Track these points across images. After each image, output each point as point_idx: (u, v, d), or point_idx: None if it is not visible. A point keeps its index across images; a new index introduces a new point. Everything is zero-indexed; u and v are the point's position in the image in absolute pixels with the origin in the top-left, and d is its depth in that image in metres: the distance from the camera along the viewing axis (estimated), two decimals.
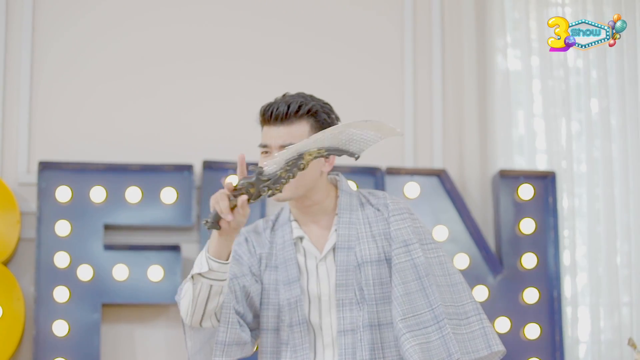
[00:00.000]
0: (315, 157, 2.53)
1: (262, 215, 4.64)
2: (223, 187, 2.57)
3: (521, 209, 4.80)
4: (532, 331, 4.72)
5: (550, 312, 4.74)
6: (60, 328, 4.48)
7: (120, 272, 4.54)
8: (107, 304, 4.56)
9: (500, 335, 4.65)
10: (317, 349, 2.75)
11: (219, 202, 2.52)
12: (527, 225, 4.78)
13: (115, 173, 4.60)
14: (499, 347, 2.70)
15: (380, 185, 4.69)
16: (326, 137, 2.51)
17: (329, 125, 2.72)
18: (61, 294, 4.50)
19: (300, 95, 2.77)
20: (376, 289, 2.72)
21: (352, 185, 2.82)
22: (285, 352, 2.76)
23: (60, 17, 4.81)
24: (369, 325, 2.69)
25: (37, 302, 4.48)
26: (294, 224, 2.82)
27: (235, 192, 2.53)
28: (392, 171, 4.75)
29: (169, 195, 4.60)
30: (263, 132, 2.81)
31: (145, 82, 4.82)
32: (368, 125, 2.52)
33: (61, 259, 4.52)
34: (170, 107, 4.80)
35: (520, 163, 4.92)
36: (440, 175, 4.77)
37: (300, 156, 2.52)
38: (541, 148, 4.93)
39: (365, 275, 2.72)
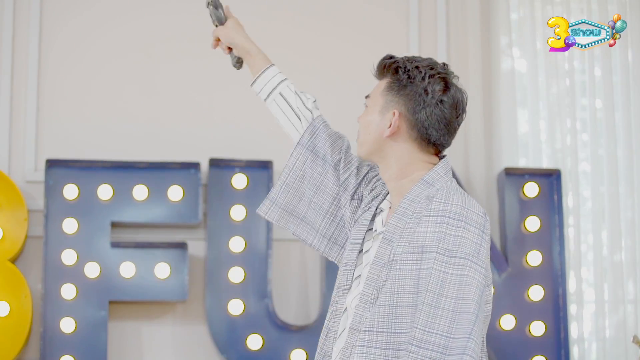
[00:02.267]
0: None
1: None
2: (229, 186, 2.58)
3: (526, 207, 4.81)
4: (537, 328, 4.72)
5: (556, 309, 4.75)
6: (67, 325, 4.50)
7: (127, 269, 4.56)
8: (114, 301, 4.58)
9: (506, 333, 4.70)
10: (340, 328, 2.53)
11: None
12: (532, 223, 4.78)
13: (122, 171, 4.62)
14: None
15: None
16: None
17: (405, 86, 2.50)
18: (68, 291, 4.51)
19: (404, 56, 2.58)
20: None
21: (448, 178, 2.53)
22: (329, 313, 2.59)
23: (66, 17, 4.82)
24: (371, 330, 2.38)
25: (44, 300, 4.50)
26: (389, 195, 2.60)
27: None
28: None
29: (175, 192, 4.62)
30: None
31: (152, 80, 4.84)
32: None
33: (68, 257, 4.54)
34: (177, 105, 4.82)
35: (525, 161, 4.93)
36: None
37: None
38: (546, 146, 4.94)
39: (394, 273, 2.40)
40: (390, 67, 2.54)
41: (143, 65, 4.83)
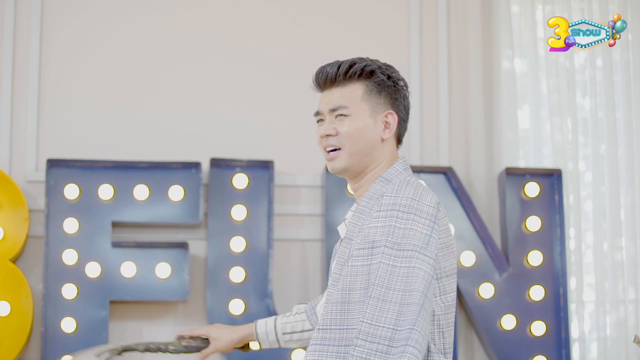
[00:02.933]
0: None
1: (270, 212, 4.66)
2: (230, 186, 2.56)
3: (527, 207, 4.81)
4: (538, 328, 4.72)
5: (556, 309, 4.75)
6: (68, 325, 4.50)
7: (128, 269, 4.56)
8: (115, 301, 4.58)
9: (506, 333, 4.69)
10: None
11: None
12: (533, 223, 4.78)
13: (123, 171, 4.62)
14: None
15: None
16: None
17: (389, 87, 2.53)
18: (69, 291, 4.52)
19: (358, 57, 2.57)
20: None
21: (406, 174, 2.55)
22: None
23: (67, 17, 4.82)
24: None
25: (45, 299, 4.50)
26: (355, 205, 2.60)
27: None
28: None
29: (176, 192, 4.62)
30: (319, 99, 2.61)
31: (153, 80, 4.84)
32: None
33: (69, 256, 4.54)
34: (178, 105, 4.82)
35: (525, 161, 4.93)
36: (447, 173, 4.78)
37: None
38: (547, 146, 4.94)
39: (346, 270, 2.40)
40: (364, 72, 2.53)
41: (144, 65, 4.83)
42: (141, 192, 4.61)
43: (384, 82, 2.53)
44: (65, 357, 2.69)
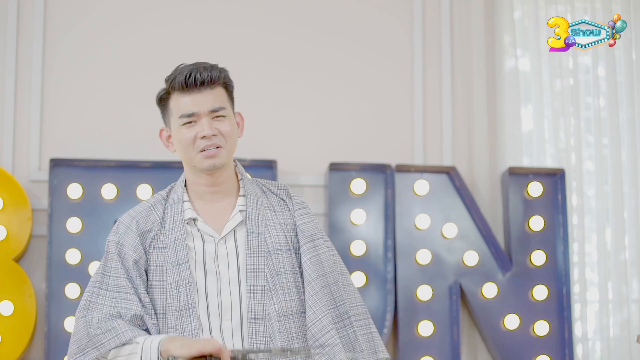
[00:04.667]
0: None
1: None
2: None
3: (530, 206, 4.80)
4: (541, 328, 4.72)
5: (560, 309, 4.75)
6: (71, 324, 4.50)
7: None
8: None
9: (510, 332, 4.69)
10: (220, 331, 2.65)
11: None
12: (536, 223, 4.78)
13: (126, 170, 4.62)
14: (385, 355, 2.76)
15: (390, 183, 4.70)
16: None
17: (233, 92, 2.84)
18: (72, 290, 4.52)
19: (208, 64, 2.83)
20: (288, 277, 2.68)
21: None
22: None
23: (70, 17, 4.83)
24: (284, 315, 2.65)
25: (48, 299, 4.51)
26: (187, 204, 2.77)
27: None
28: (402, 168, 4.76)
29: None
30: (181, 102, 2.78)
31: (155, 80, 4.81)
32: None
33: (72, 256, 4.54)
34: None
35: (529, 160, 4.93)
36: (450, 173, 4.78)
37: None
38: (550, 145, 4.94)
39: (277, 263, 2.69)
40: (225, 77, 2.81)
41: (147, 65, 4.83)
42: (144, 191, 4.61)
43: (232, 87, 2.83)
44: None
